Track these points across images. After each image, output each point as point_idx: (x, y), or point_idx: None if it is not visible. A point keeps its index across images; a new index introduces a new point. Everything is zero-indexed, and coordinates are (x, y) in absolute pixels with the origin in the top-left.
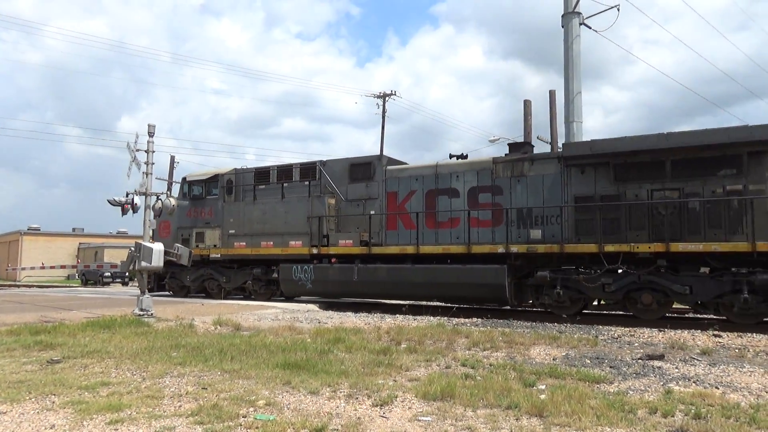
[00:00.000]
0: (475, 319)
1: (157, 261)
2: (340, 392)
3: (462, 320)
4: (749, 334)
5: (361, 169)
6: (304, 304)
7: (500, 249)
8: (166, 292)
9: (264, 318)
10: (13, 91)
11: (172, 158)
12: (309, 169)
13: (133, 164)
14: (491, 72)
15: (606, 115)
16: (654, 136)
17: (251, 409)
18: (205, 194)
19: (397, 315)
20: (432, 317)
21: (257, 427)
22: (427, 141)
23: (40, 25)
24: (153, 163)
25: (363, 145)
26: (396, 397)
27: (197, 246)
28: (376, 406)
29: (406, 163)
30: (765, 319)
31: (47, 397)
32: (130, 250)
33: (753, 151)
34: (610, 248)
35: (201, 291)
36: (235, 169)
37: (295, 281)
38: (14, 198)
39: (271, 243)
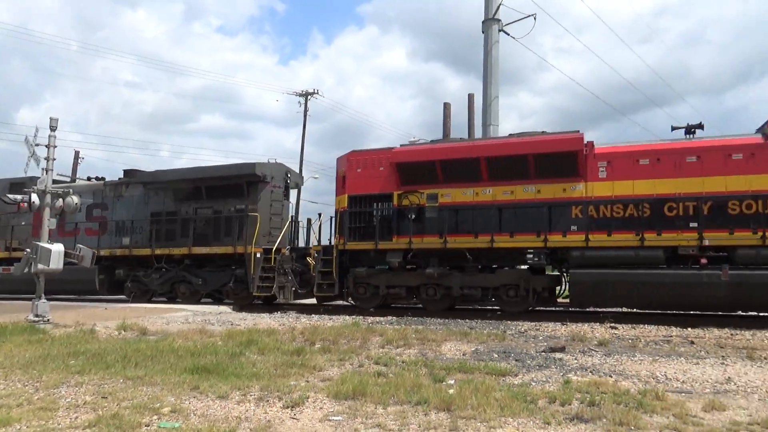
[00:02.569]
0: (390, 318)
1: (56, 263)
2: (251, 395)
3: (377, 319)
4: (642, 325)
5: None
6: (216, 306)
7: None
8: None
9: (173, 321)
10: None
11: (77, 153)
12: None
13: (31, 159)
14: (413, 74)
15: (521, 119)
16: (236, 166)
17: (155, 417)
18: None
19: (313, 315)
20: (348, 316)
21: None
22: (349, 140)
23: None
24: (54, 159)
25: (284, 143)
26: (308, 398)
27: None
28: (287, 407)
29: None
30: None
31: None
32: (26, 252)
33: (249, 182)
34: (158, 251)
35: None
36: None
37: None
38: None
39: None
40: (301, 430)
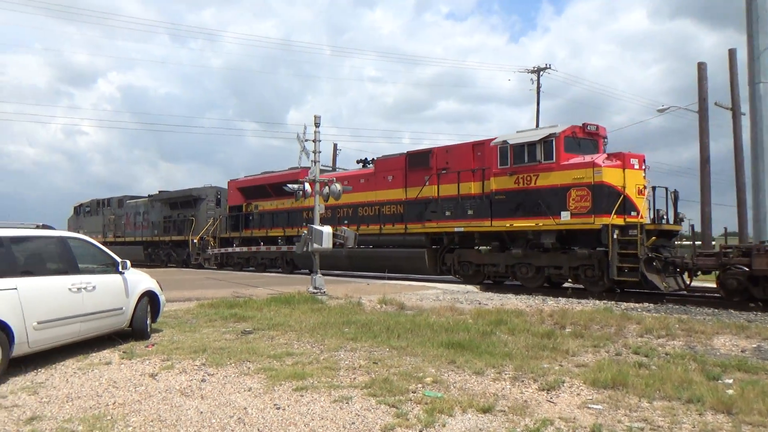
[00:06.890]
0: (646, 304)
1: (327, 243)
2: (505, 374)
3: (632, 305)
4: None
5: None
6: (463, 285)
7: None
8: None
9: (425, 298)
10: (200, 92)
11: (335, 146)
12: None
13: (302, 153)
14: (657, 35)
15: None
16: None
17: (419, 385)
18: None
19: (560, 298)
20: (598, 301)
21: (426, 403)
22: (586, 115)
23: (219, 31)
24: (320, 152)
25: (518, 122)
26: (563, 383)
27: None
28: (543, 390)
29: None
30: None
31: (243, 363)
32: (304, 233)
33: (195, 198)
34: (164, 238)
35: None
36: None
37: None
38: None
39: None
40: (559, 414)
